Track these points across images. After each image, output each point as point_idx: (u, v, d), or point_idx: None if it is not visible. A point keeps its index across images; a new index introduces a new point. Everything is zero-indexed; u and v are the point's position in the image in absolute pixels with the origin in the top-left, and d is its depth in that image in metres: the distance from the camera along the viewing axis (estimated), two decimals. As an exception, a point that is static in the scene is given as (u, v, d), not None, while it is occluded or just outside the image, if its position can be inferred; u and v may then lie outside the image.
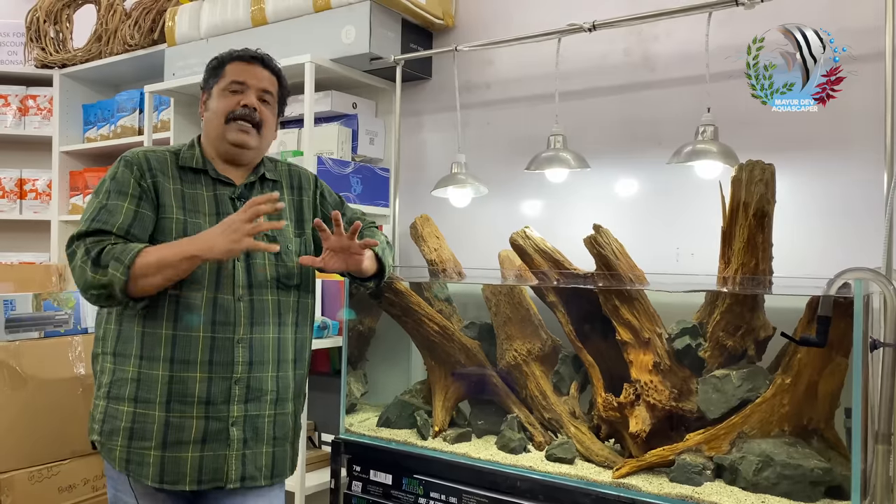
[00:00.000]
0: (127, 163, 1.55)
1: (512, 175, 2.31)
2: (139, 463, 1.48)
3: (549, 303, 1.92)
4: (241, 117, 1.58)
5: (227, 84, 1.60)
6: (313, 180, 1.76)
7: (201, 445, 1.49)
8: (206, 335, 1.49)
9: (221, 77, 1.61)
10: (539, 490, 1.70)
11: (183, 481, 1.48)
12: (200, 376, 1.49)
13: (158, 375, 1.47)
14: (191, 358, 1.48)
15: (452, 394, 2.03)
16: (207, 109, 1.63)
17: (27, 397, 2.20)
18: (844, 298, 1.44)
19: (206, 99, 1.64)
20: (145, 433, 1.47)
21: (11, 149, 3.69)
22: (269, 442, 1.58)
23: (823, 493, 1.52)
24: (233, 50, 1.65)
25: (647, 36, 2.16)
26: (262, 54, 1.66)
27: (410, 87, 2.62)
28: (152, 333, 1.48)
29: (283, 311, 1.61)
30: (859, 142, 1.82)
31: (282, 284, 1.60)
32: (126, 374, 1.49)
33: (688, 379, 1.72)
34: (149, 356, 1.48)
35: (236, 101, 1.59)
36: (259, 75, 1.62)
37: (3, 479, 2.12)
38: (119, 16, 3.26)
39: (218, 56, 1.66)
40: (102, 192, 1.52)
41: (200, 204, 1.56)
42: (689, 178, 1.93)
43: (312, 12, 2.46)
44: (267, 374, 1.56)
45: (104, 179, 1.55)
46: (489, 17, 2.48)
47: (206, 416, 1.49)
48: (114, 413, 1.50)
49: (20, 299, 2.28)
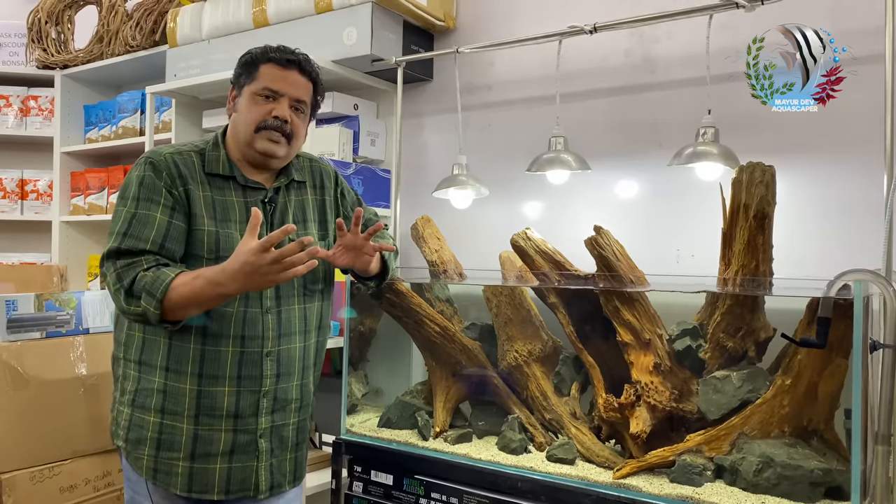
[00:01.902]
0: (155, 168, 1.47)
1: (513, 176, 2.31)
2: (167, 472, 1.47)
3: (550, 304, 1.92)
4: (272, 127, 1.51)
5: (260, 89, 1.51)
6: (334, 177, 1.73)
7: (229, 457, 1.48)
8: (235, 350, 1.48)
9: (255, 79, 1.52)
10: (540, 491, 1.70)
11: (211, 491, 1.47)
12: (229, 390, 1.47)
13: (186, 389, 1.46)
14: (219, 373, 1.47)
15: (453, 394, 2.03)
16: (236, 109, 1.56)
17: (29, 397, 2.20)
18: (844, 300, 1.44)
19: (236, 96, 1.57)
20: (173, 444, 1.46)
21: (13, 149, 3.69)
22: (293, 448, 1.59)
23: (823, 493, 1.52)
24: (269, 47, 1.55)
25: (647, 38, 2.17)
26: (300, 57, 1.56)
27: (412, 89, 2.62)
28: (179, 347, 1.46)
29: (309, 318, 1.60)
30: (859, 143, 1.83)
31: (308, 291, 1.59)
32: (152, 384, 1.47)
33: (688, 380, 1.73)
34: (175, 369, 1.46)
35: (268, 109, 1.51)
36: (294, 82, 1.53)
37: (5, 479, 2.12)
38: (120, 17, 3.26)
39: (253, 52, 1.56)
40: (130, 198, 1.46)
41: (231, 211, 1.52)
42: (689, 179, 1.93)
43: (314, 14, 2.46)
44: (292, 384, 1.56)
45: (129, 182, 1.48)
46: (490, 18, 2.48)
47: (234, 430, 1.48)
48: (139, 422, 1.48)
49: (22, 299, 2.28)
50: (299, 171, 1.65)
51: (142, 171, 1.48)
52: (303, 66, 1.55)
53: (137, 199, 1.45)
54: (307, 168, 1.68)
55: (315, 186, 1.67)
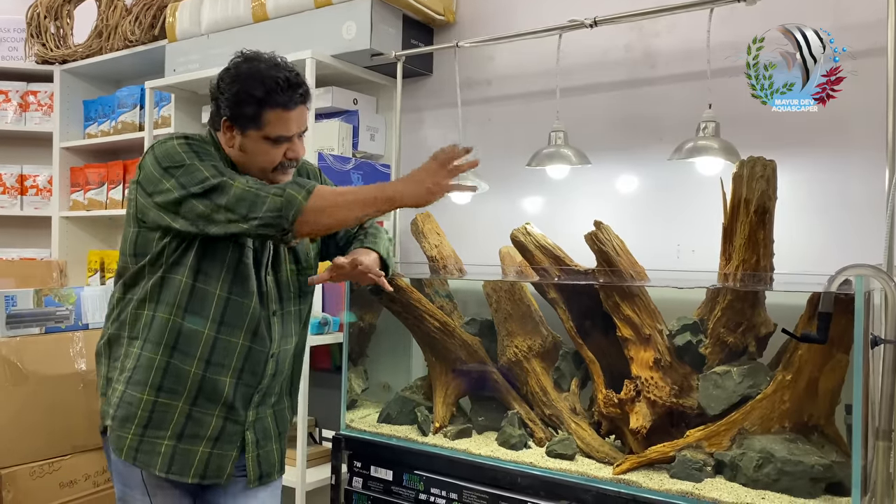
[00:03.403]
0: (190, 139, 1.47)
1: (513, 171, 2.30)
2: (148, 452, 1.48)
3: (550, 299, 1.92)
4: (288, 166, 1.51)
5: (272, 136, 1.46)
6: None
7: (213, 443, 1.51)
8: (245, 344, 1.51)
9: (262, 125, 1.44)
10: (539, 486, 1.70)
11: (187, 473, 1.49)
12: (230, 381, 1.50)
13: (191, 372, 1.48)
14: (226, 363, 1.50)
15: (453, 390, 2.03)
16: (241, 149, 1.49)
17: (28, 393, 2.20)
18: (845, 295, 1.44)
19: (237, 134, 1.48)
20: (163, 423, 1.48)
21: (12, 145, 3.68)
22: (276, 438, 1.62)
23: (824, 489, 1.52)
24: (270, 86, 1.42)
25: (648, 32, 2.16)
26: (301, 91, 1.47)
27: (411, 84, 2.61)
28: (194, 331, 1.47)
29: (302, 318, 1.65)
30: (861, 138, 1.82)
31: (302, 293, 1.64)
32: (153, 362, 1.48)
33: (688, 375, 1.72)
34: (184, 350, 1.47)
35: (282, 151, 1.48)
36: (301, 118, 1.49)
37: (5, 475, 2.13)
38: (120, 11, 3.25)
39: (253, 92, 1.43)
40: (186, 157, 1.42)
41: None
42: (690, 174, 1.93)
43: (313, 8, 2.45)
44: (282, 380, 1.62)
45: (169, 153, 1.43)
46: (490, 12, 2.47)
47: (225, 417, 1.51)
48: (130, 399, 1.48)
49: (21, 295, 2.28)
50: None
51: (183, 140, 1.46)
52: (304, 97, 1.49)
53: (197, 153, 1.43)
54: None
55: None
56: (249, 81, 1.44)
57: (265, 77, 1.43)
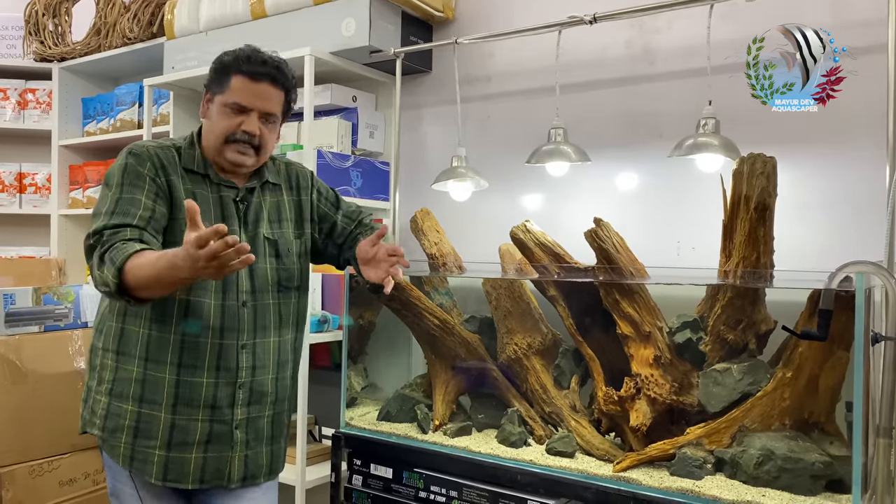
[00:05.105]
0: (137, 157, 1.48)
1: (512, 168, 2.30)
2: (143, 461, 1.49)
3: (550, 297, 1.92)
4: (240, 140, 1.50)
5: (229, 102, 1.49)
6: (310, 178, 1.74)
7: (205, 447, 1.50)
8: (214, 341, 1.50)
9: (225, 90, 1.49)
10: (539, 484, 1.70)
11: (186, 480, 1.49)
12: (207, 381, 1.49)
13: (165, 379, 1.47)
14: (198, 363, 1.49)
15: (453, 388, 2.03)
16: (208, 116, 1.54)
17: (27, 391, 2.20)
18: (846, 292, 1.43)
19: (208, 100, 1.55)
20: (150, 433, 1.48)
21: (11, 143, 3.68)
22: (269, 441, 1.60)
23: (824, 486, 1.52)
24: (240, 54, 1.50)
25: (648, 28, 2.15)
26: (272, 68, 1.50)
27: (410, 81, 2.61)
28: (160, 337, 1.47)
29: (284, 313, 1.61)
30: (862, 135, 1.82)
31: (283, 287, 1.60)
32: (130, 374, 1.49)
33: (688, 373, 1.72)
34: (155, 359, 1.48)
35: (237, 123, 1.49)
36: (265, 95, 1.50)
37: (4, 473, 2.13)
38: (118, 9, 3.24)
39: (224, 60, 1.51)
40: (114, 185, 1.45)
41: (205, 205, 1.51)
42: (690, 171, 1.92)
43: (312, 5, 2.44)
44: (268, 377, 1.58)
45: (112, 172, 1.48)
46: (489, 9, 2.47)
47: (210, 420, 1.50)
48: (117, 411, 1.49)
49: (20, 293, 2.28)
50: (274, 174, 1.66)
51: (124, 161, 1.49)
52: (275, 77, 1.50)
53: (122, 184, 1.45)
54: (283, 171, 1.69)
55: (291, 188, 1.68)
56: (227, 53, 1.53)
57: (239, 49, 1.52)
